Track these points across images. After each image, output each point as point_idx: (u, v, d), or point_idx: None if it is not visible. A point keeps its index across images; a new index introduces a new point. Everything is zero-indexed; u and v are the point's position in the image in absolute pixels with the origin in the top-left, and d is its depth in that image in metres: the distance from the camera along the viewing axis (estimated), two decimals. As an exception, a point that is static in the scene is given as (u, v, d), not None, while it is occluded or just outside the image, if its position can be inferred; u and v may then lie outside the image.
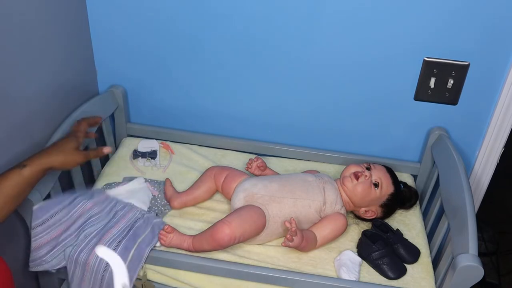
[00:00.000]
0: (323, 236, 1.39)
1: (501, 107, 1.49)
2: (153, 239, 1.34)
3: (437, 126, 1.59)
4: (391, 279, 1.35)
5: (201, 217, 1.48)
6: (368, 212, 1.47)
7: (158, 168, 1.65)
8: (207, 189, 1.53)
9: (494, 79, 1.48)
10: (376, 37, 1.46)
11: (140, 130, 1.77)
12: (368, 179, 1.44)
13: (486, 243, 2.21)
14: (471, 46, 1.43)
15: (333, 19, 1.45)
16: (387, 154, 1.68)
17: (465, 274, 1.18)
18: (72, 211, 1.33)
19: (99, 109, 1.61)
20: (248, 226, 1.32)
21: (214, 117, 1.72)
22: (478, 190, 1.67)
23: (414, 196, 1.57)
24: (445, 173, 1.47)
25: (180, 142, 1.76)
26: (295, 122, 1.68)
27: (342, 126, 1.66)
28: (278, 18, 1.48)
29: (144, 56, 1.63)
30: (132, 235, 1.32)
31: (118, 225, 1.35)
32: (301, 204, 1.40)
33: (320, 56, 1.52)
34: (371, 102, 1.59)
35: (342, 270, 1.32)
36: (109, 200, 1.42)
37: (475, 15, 1.38)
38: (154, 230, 1.36)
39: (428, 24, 1.41)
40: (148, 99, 1.73)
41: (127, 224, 1.36)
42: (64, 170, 1.29)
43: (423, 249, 1.44)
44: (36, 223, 1.27)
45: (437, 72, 1.48)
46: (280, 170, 1.65)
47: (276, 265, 1.34)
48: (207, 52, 1.59)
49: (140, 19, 1.56)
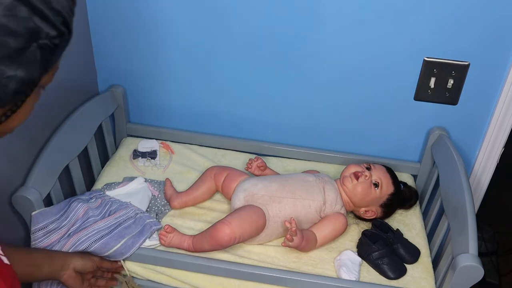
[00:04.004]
0: (323, 236, 1.39)
1: (501, 107, 1.49)
2: (139, 238, 1.33)
3: (437, 126, 1.59)
4: (391, 279, 1.35)
5: (201, 217, 1.48)
6: (368, 212, 1.47)
7: (158, 168, 1.65)
8: (207, 189, 1.53)
9: (494, 79, 1.48)
10: (376, 37, 1.46)
11: (140, 130, 1.77)
12: (368, 179, 1.44)
13: (486, 243, 2.21)
14: (471, 46, 1.43)
15: (333, 19, 1.45)
16: (387, 154, 1.68)
17: (465, 274, 1.18)
18: (70, 215, 1.34)
19: (99, 109, 1.61)
20: (248, 226, 1.32)
21: (214, 117, 1.72)
22: (478, 190, 1.67)
23: (414, 196, 1.57)
24: (445, 173, 1.47)
25: (180, 142, 1.76)
26: (295, 122, 1.68)
27: (342, 126, 1.66)
28: (277, 17, 1.48)
29: (144, 56, 1.63)
30: (117, 233, 1.32)
31: (107, 219, 1.36)
32: (301, 204, 1.40)
33: (319, 56, 1.52)
34: (371, 102, 1.59)
35: (342, 270, 1.32)
36: (106, 202, 1.42)
37: (475, 15, 1.38)
38: (143, 231, 1.35)
39: (428, 24, 1.41)
40: (148, 99, 1.73)
41: (117, 221, 1.36)
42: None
43: (423, 249, 1.44)
44: (35, 228, 1.28)
45: (437, 72, 1.48)
46: (280, 170, 1.65)
47: (276, 265, 1.34)
48: (207, 52, 1.58)
49: (140, 19, 1.56)
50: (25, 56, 0.64)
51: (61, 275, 1.19)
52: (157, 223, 1.40)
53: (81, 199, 1.40)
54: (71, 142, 1.46)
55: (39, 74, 0.67)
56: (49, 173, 1.35)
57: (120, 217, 1.37)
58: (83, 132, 1.53)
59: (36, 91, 0.72)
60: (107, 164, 1.66)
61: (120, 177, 1.60)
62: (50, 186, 1.35)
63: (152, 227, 1.37)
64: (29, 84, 0.67)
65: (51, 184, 1.35)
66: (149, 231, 1.35)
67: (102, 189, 1.51)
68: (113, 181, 1.57)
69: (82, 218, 1.35)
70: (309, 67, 1.55)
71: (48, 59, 0.67)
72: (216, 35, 1.55)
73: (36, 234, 1.28)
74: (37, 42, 0.64)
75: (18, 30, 0.62)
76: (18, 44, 0.63)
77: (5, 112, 0.69)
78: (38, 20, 0.64)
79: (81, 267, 1.23)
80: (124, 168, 1.64)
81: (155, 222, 1.39)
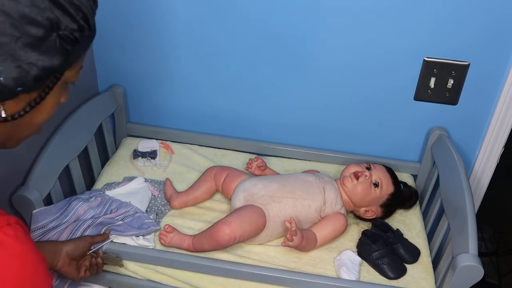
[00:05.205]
0: (323, 236, 1.39)
1: (501, 107, 1.49)
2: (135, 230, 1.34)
3: (437, 126, 1.59)
4: (391, 279, 1.35)
5: (201, 217, 1.48)
6: (368, 212, 1.47)
7: (158, 168, 1.65)
8: (207, 189, 1.53)
9: (494, 79, 1.48)
10: (376, 37, 1.46)
11: (140, 130, 1.77)
12: (368, 179, 1.44)
13: (486, 243, 2.21)
14: (471, 46, 1.43)
15: (333, 19, 1.45)
16: (387, 154, 1.68)
17: (465, 274, 1.18)
18: (70, 214, 1.34)
19: (99, 109, 1.61)
20: (248, 226, 1.32)
21: (215, 117, 1.72)
22: (478, 190, 1.67)
23: (414, 196, 1.57)
24: (445, 173, 1.47)
25: (180, 142, 1.76)
26: (295, 122, 1.68)
27: (342, 126, 1.66)
28: (277, 17, 1.48)
29: (144, 56, 1.63)
30: (114, 226, 1.33)
31: (106, 216, 1.36)
32: (301, 204, 1.40)
33: (319, 56, 1.52)
34: (371, 102, 1.59)
35: (342, 270, 1.32)
36: (106, 201, 1.43)
37: (475, 15, 1.38)
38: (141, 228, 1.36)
39: (428, 24, 1.41)
40: (148, 99, 1.73)
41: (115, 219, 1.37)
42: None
43: (423, 249, 1.44)
44: (35, 227, 1.28)
45: (437, 72, 1.48)
46: (280, 170, 1.65)
47: (276, 265, 1.34)
48: (207, 52, 1.58)
49: (140, 19, 1.56)
50: (45, 44, 0.68)
51: (55, 264, 1.17)
52: (155, 224, 1.40)
53: (81, 198, 1.40)
54: (71, 142, 1.46)
55: (59, 64, 0.71)
56: (49, 173, 1.35)
57: (119, 215, 1.38)
58: (83, 132, 1.53)
59: (61, 86, 0.76)
60: (107, 164, 1.66)
61: (120, 177, 1.60)
62: (50, 186, 1.35)
63: (150, 227, 1.37)
64: (49, 72, 0.71)
65: (51, 184, 1.35)
66: (146, 229, 1.35)
67: (102, 189, 1.51)
68: (113, 181, 1.57)
69: (82, 216, 1.35)
70: (309, 67, 1.55)
71: (68, 51, 0.72)
72: (216, 35, 1.55)
73: (35, 232, 1.28)
74: (57, 33, 0.69)
75: (39, 19, 0.67)
76: (38, 32, 0.67)
77: (30, 102, 0.73)
78: (59, 12, 0.69)
79: (74, 249, 1.20)
80: (124, 168, 1.64)
81: (153, 223, 1.39)
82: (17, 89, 0.69)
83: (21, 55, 0.67)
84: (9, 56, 0.66)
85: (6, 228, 0.70)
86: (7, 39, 0.66)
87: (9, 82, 0.67)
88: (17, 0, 0.66)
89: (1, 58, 0.66)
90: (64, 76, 0.75)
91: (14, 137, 0.79)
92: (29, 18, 0.66)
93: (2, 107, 0.71)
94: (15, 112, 0.73)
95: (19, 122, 0.74)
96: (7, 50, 0.66)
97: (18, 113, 0.73)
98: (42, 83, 0.72)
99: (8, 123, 0.73)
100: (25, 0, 0.66)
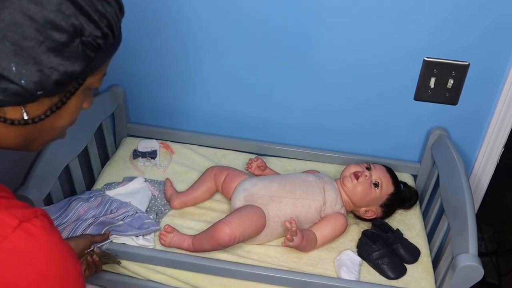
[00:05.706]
0: (323, 236, 1.39)
1: (501, 107, 1.49)
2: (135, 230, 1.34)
3: (437, 126, 1.59)
4: (391, 279, 1.35)
5: (201, 217, 1.48)
6: (368, 212, 1.47)
7: (158, 168, 1.65)
8: (207, 189, 1.53)
9: (494, 79, 1.48)
10: (376, 37, 1.46)
11: (140, 130, 1.77)
12: (368, 179, 1.44)
13: (486, 243, 2.21)
14: (471, 46, 1.43)
15: (333, 19, 1.45)
16: (387, 154, 1.68)
17: (465, 274, 1.18)
18: (70, 214, 1.34)
19: (99, 109, 1.61)
20: (248, 226, 1.32)
21: (215, 117, 1.72)
22: (478, 190, 1.67)
23: (414, 196, 1.57)
24: (445, 173, 1.47)
25: (180, 142, 1.76)
26: (295, 122, 1.68)
27: (342, 126, 1.66)
28: (277, 17, 1.48)
29: (145, 56, 1.63)
30: (114, 226, 1.33)
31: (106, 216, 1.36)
32: (301, 204, 1.40)
33: (319, 56, 1.52)
34: (371, 102, 1.59)
35: (342, 270, 1.32)
36: (105, 201, 1.43)
37: (475, 14, 1.38)
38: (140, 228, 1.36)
39: (428, 24, 1.41)
40: (148, 99, 1.73)
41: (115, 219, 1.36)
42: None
43: (423, 249, 1.44)
44: None
45: (437, 72, 1.48)
46: (280, 170, 1.65)
47: (276, 265, 1.34)
48: (207, 52, 1.58)
49: (140, 19, 1.55)
50: (68, 50, 0.69)
51: None
52: (155, 224, 1.40)
53: (81, 198, 1.41)
54: (71, 142, 1.46)
55: (81, 69, 0.71)
56: (49, 173, 1.35)
57: (119, 216, 1.38)
58: (83, 132, 1.53)
59: (83, 92, 0.77)
60: (107, 164, 1.66)
61: (120, 177, 1.60)
62: (50, 186, 1.35)
63: (150, 227, 1.37)
64: (70, 78, 0.71)
65: (51, 184, 1.35)
66: (146, 229, 1.35)
67: (102, 189, 1.51)
68: (113, 181, 1.57)
69: (82, 216, 1.35)
70: (309, 67, 1.55)
71: (90, 57, 0.72)
72: (216, 35, 1.54)
73: None
74: (80, 39, 0.69)
75: (64, 25, 0.68)
76: (62, 38, 0.68)
77: (51, 106, 0.74)
78: (83, 19, 0.69)
79: (73, 247, 1.19)
80: (124, 168, 1.64)
81: (153, 223, 1.39)
82: (37, 92, 0.69)
83: (43, 59, 0.67)
84: (31, 59, 0.67)
85: (34, 220, 0.71)
86: (31, 43, 0.66)
87: (30, 86, 0.68)
88: (43, 5, 0.66)
89: (24, 61, 0.67)
90: (87, 82, 0.76)
91: (37, 140, 0.79)
92: (54, 24, 0.67)
93: (24, 110, 0.71)
94: (36, 115, 0.73)
95: (41, 125, 0.75)
96: (30, 54, 0.67)
97: (39, 117, 0.73)
98: (64, 88, 0.73)
99: (30, 126, 0.74)
100: (51, 6, 0.66)
